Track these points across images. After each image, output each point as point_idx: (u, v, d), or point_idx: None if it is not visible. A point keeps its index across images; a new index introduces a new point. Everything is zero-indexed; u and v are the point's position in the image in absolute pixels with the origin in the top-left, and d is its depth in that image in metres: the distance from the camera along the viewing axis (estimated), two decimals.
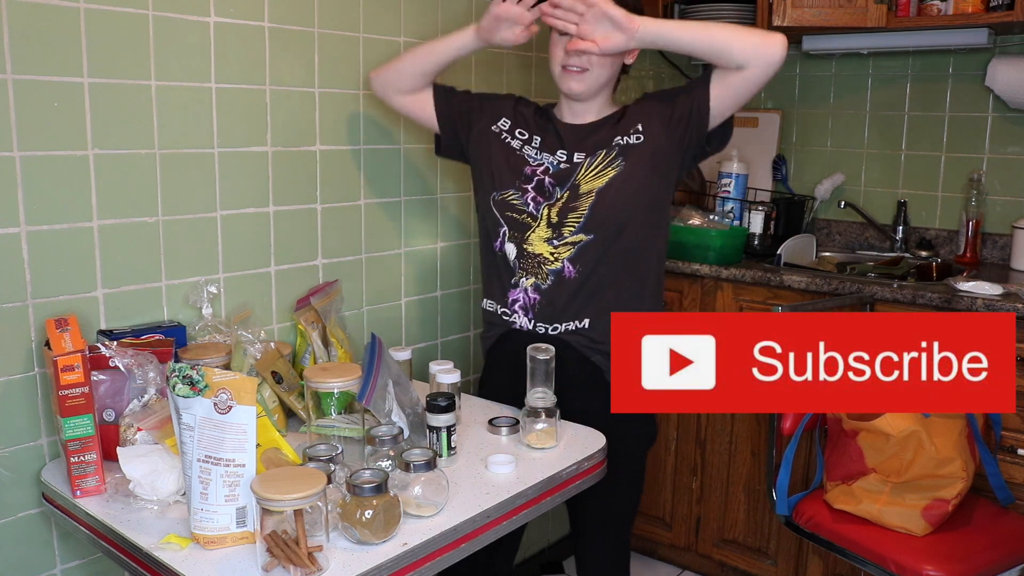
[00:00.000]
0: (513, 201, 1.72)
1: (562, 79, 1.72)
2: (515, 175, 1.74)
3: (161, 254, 1.59)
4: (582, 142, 1.74)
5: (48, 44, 1.39)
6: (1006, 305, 2.00)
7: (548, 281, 1.69)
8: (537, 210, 1.70)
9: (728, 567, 2.58)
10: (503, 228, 1.74)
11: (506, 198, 1.73)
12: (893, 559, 1.77)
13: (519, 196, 1.72)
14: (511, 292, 1.74)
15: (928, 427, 1.77)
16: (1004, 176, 2.58)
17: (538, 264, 1.70)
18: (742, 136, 2.97)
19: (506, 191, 1.73)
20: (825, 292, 2.26)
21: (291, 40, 1.75)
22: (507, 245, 1.73)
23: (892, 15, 2.44)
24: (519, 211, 1.71)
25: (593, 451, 1.52)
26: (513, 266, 1.72)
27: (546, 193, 1.70)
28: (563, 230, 1.68)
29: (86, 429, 1.29)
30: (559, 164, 1.73)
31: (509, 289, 1.74)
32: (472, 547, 1.27)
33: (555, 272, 1.69)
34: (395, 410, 1.39)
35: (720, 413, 2.49)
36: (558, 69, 1.72)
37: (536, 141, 1.78)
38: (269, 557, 1.10)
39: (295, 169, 1.80)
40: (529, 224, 1.70)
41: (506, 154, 1.77)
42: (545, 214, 1.69)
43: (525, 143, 1.78)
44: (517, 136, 1.79)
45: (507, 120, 1.82)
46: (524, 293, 1.72)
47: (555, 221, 1.69)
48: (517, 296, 1.73)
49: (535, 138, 1.78)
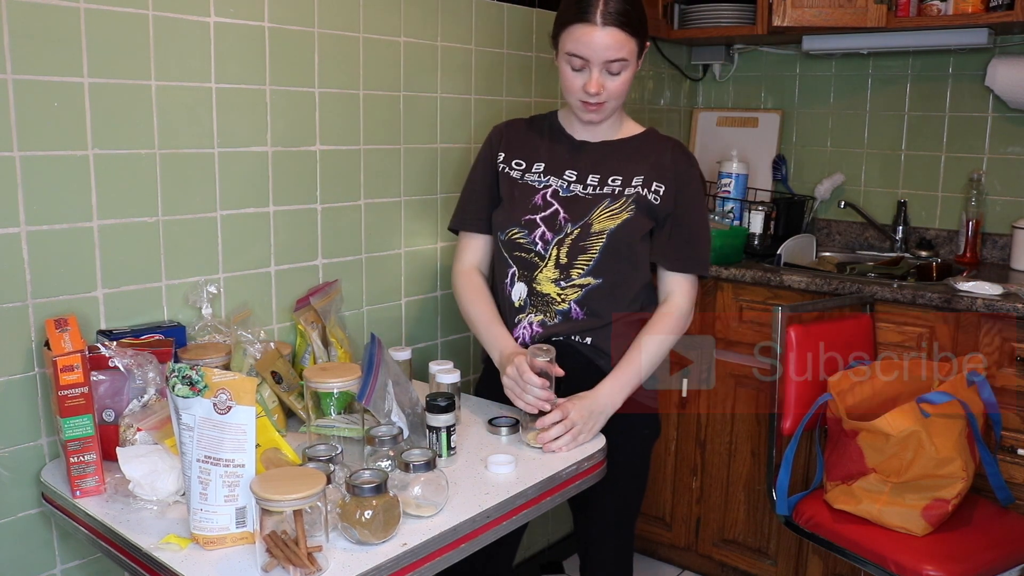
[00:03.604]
0: (520, 240, 1.69)
1: (581, 110, 1.67)
2: (523, 208, 1.70)
3: (161, 254, 1.59)
4: (597, 164, 1.71)
5: (48, 44, 1.39)
6: (1006, 305, 2.00)
7: (555, 319, 1.69)
8: (545, 250, 1.67)
9: (728, 567, 2.58)
10: (511, 269, 1.72)
11: (512, 237, 1.70)
12: (893, 559, 1.77)
13: (526, 234, 1.69)
14: (514, 330, 1.72)
15: (928, 427, 1.77)
16: (1004, 176, 2.58)
17: (547, 304, 1.69)
18: (742, 136, 2.98)
19: (511, 229, 1.70)
20: (825, 292, 2.26)
21: (291, 40, 1.75)
22: (517, 285, 1.71)
23: (892, 15, 2.44)
24: (527, 250, 1.69)
25: (593, 451, 1.52)
26: (523, 304, 1.71)
27: (557, 227, 1.67)
28: (571, 271, 1.66)
29: (86, 429, 1.29)
30: (569, 186, 1.69)
31: (513, 327, 1.72)
32: (472, 547, 1.27)
33: (563, 312, 1.68)
34: (395, 410, 1.39)
35: (720, 413, 2.49)
36: (576, 101, 1.65)
37: (538, 167, 1.74)
38: (269, 557, 1.10)
39: (295, 169, 1.80)
40: (537, 264, 1.68)
41: (511, 187, 1.74)
42: (554, 255, 1.67)
43: (525, 172, 1.74)
44: (515, 167, 1.76)
45: (502, 153, 1.78)
46: (528, 328, 1.71)
47: (564, 262, 1.66)
48: (519, 333, 1.72)
49: (537, 164, 1.74)
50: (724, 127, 3.03)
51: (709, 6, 2.70)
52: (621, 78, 1.61)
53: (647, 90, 2.91)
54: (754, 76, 3.03)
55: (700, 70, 3.13)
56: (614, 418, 1.62)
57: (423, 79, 2.04)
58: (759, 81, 3.02)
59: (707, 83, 3.15)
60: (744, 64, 3.05)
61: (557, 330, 1.69)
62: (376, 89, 1.93)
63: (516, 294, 1.71)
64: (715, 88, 3.13)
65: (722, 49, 3.00)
